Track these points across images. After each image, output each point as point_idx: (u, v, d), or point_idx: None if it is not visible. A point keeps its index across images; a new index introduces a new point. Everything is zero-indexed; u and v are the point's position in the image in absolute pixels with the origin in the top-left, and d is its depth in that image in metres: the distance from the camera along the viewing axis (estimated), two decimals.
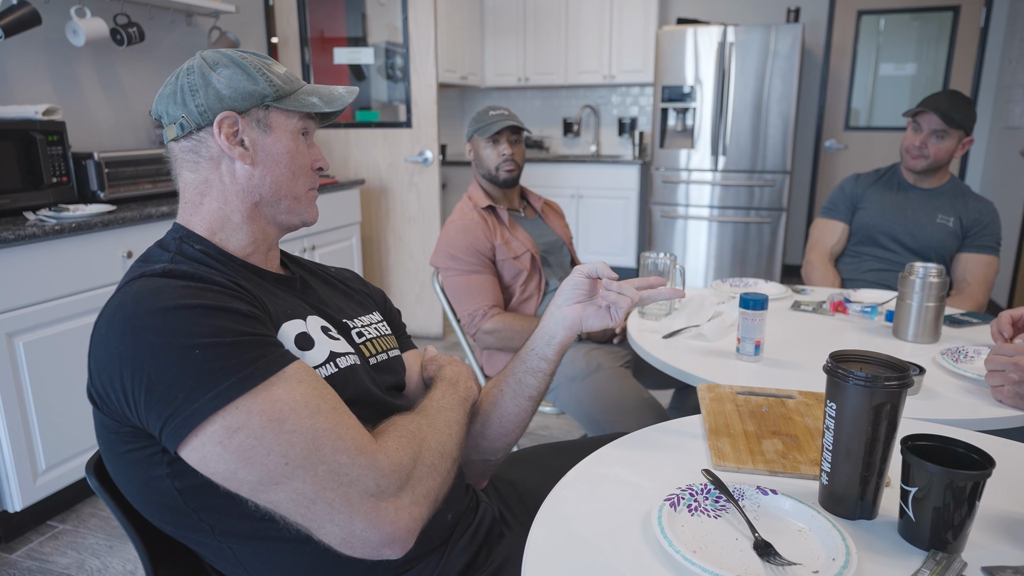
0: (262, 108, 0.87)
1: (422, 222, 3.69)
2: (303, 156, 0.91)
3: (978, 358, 1.34)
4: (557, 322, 0.99)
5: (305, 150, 0.92)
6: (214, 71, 0.86)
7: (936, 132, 2.03)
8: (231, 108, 0.85)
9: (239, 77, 0.86)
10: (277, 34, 3.62)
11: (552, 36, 5.20)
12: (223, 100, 0.85)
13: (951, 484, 0.72)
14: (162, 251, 0.86)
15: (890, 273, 2.11)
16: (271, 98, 0.87)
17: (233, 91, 0.86)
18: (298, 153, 0.90)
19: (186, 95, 0.86)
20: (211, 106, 0.85)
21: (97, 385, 0.74)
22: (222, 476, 0.70)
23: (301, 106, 0.89)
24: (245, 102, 0.86)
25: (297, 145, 0.90)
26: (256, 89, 0.86)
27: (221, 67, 0.86)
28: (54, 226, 1.93)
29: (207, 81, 0.86)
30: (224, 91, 0.85)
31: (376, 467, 0.74)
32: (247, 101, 0.86)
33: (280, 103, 0.88)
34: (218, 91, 0.85)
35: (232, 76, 0.86)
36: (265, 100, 0.87)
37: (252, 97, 0.86)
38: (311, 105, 0.89)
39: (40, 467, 1.98)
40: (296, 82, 0.91)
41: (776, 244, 4.62)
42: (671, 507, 0.80)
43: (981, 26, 4.49)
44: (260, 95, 0.86)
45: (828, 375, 0.80)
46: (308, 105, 0.89)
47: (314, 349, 0.84)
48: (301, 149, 0.91)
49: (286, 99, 0.88)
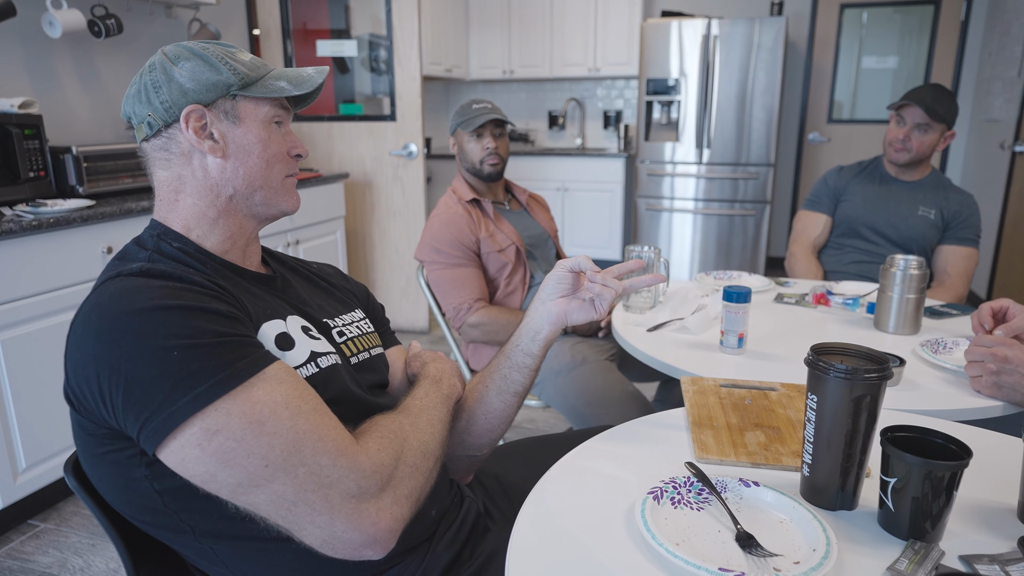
0: (229, 98, 0.85)
1: (407, 216, 3.67)
2: (276, 144, 0.89)
3: (957, 349, 1.36)
4: (542, 317, 0.99)
5: (279, 138, 0.90)
6: (176, 65, 0.84)
7: (919, 125, 2.04)
8: (196, 101, 0.83)
9: (201, 69, 0.84)
10: (259, 26, 3.58)
11: (537, 29, 5.19)
12: (187, 94, 0.83)
13: (929, 474, 0.73)
14: (139, 249, 0.85)
15: (872, 265, 2.13)
16: (237, 87, 0.85)
17: (196, 83, 0.83)
18: (271, 141, 0.88)
19: (150, 93, 0.84)
20: (176, 101, 0.83)
21: (74, 386, 0.73)
22: (201, 479, 0.70)
23: (269, 92, 0.86)
24: (210, 93, 0.84)
25: (269, 134, 0.88)
26: (220, 79, 0.84)
27: (182, 60, 0.84)
28: (31, 221, 1.90)
29: (169, 76, 0.83)
30: (187, 84, 0.83)
31: (357, 468, 0.73)
32: (212, 92, 0.84)
33: (247, 91, 0.85)
34: (181, 85, 0.83)
35: (194, 68, 0.84)
36: (231, 89, 0.84)
37: (217, 88, 0.84)
38: (279, 90, 0.87)
39: (20, 466, 1.96)
40: (263, 68, 0.89)
41: (760, 236, 4.65)
42: (654, 500, 0.80)
43: (962, 19, 4.53)
44: (225, 85, 0.84)
45: (809, 368, 0.81)
46: (276, 90, 0.87)
47: (295, 349, 0.83)
48: (274, 137, 0.89)
49: (253, 86, 0.86)
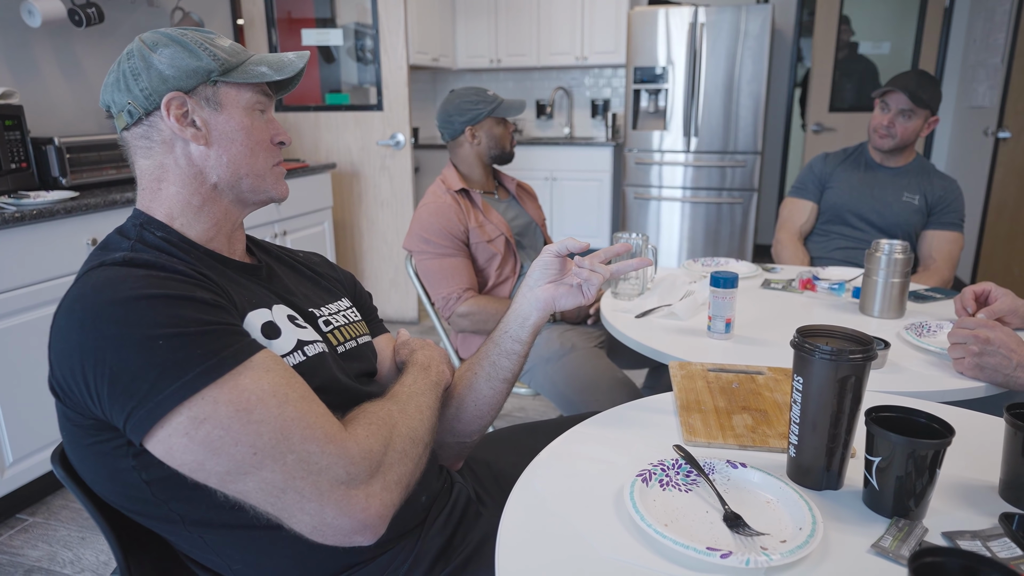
0: (209, 85, 0.84)
1: (395, 206, 3.66)
2: (260, 131, 0.88)
3: (940, 332, 1.37)
4: (530, 303, 0.99)
5: (262, 125, 0.88)
6: (154, 52, 0.83)
7: (903, 111, 2.06)
8: (177, 88, 0.82)
9: (181, 55, 0.83)
10: (243, 15, 3.54)
11: (524, 17, 5.16)
12: (167, 81, 0.82)
13: (913, 453, 0.74)
14: (122, 238, 0.84)
15: (857, 251, 2.15)
16: (217, 72, 0.84)
17: (176, 70, 0.82)
18: (254, 128, 0.87)
19: (129, 81, 0.83)
20: (156, 88, 0.82)
21: (58, 378, 0.72)
22: (189, 467, 0.69)
23: (250, 77, 0.85)
24: (190, 80, 0.83)
25: (252, 120, 0.87)
26: (200, 65, 0.83)
27: (161, 47, 0.83)
28: (14, 213, 1.88)
29: (148, 63, 0.82)
30: (167, 71, 0.82)
31: (346, 455, 0.73)
32: (192, 79, 0.83)
33: (228, 77, 0.84)
34: (161, 72, 0.82)
35: (173, 55, 0.83)
36: (211, 75, 0.83)
37: (197, 74, 0.83)
38: (260, 75, 0.86)
39: (7, 460, 1.94)
40: (243, 54, 0.88)
41: (748, 224, 4.67)
42: (643, 482, 0.81)
43: (946, 6, 4.55)
44: (205, 71, 0.83)
45: (795, 350, 0.82)
46: (257, 75, 0.86)
47: (281, 338, 0.83)
48: (257, 124, 0.88)
49: (233, 72, 0.85)
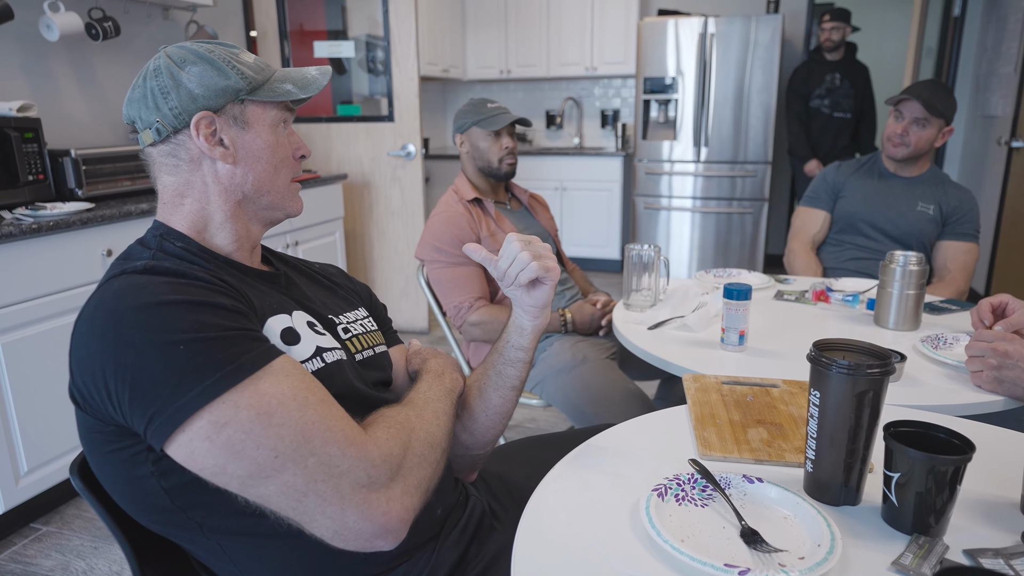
0: (237, 103, 0.85)
1: (405, 216, 3.67)
2: (284, 148, 0.89)
3: (957, 345, 1.36)
4: (521, 314, 0.98)
5: (285, 141, 0.90)
6: (183, 70, 0.83)
7: (917, 120, 2.05)
8: (206, 107, 0.83)
9: (210, 73, 0.83)
10: (256, 27, 3.58)
11: (534, 28, 5.19)
12: (197, 100, 0.83)
13: (933, 469, 0.73)
14: (143, 248, 0.85)
15: (871, 261, 2.13)
16: (245, 92, 0.85)
17: (206, 89, 0.83)
18: (279, 146, 0.89)
19: (157, 98, 0.83)
20: (185, 107, 0.83)
21: (79, 384, 0.73)
22: (211, 471, 0.70)
23: (276, 95, 0.86)
24: (219, 99, 0.84)
25: (277, 137, 0.88)
26: (229, 84, 0.84)
27: (189, 64, 0.84)
28: (31, 225, 1.90)
29: (177, 81, 0.83)
30: (196, 90, 0.83)
31: (367, 458, 0.73)
32: (221, 98, 0.84)
33: (255, 95, 0.85)
34: (190, 91, 0.83)
35: (203, 73, 0.83)
36: (239, 95, 0.85)
37: (226, 93, 0.84)
38: (286, 93, 0.87)
39: (22, 469, 1.96)
40: (267, 70, 0.89)
41: (759, 234, 4.65)
42: (659, 497, 0.80)
43: (956, 15, 4.54)
44: (234, 90, 0.84)
45: (812, 364, 0.81)
46: (283, 94, 0.87)
47: (300, 344, 0.83)
48: (281, 141, 0.89)
49: (260, 90, 0.86)
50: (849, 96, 4.23)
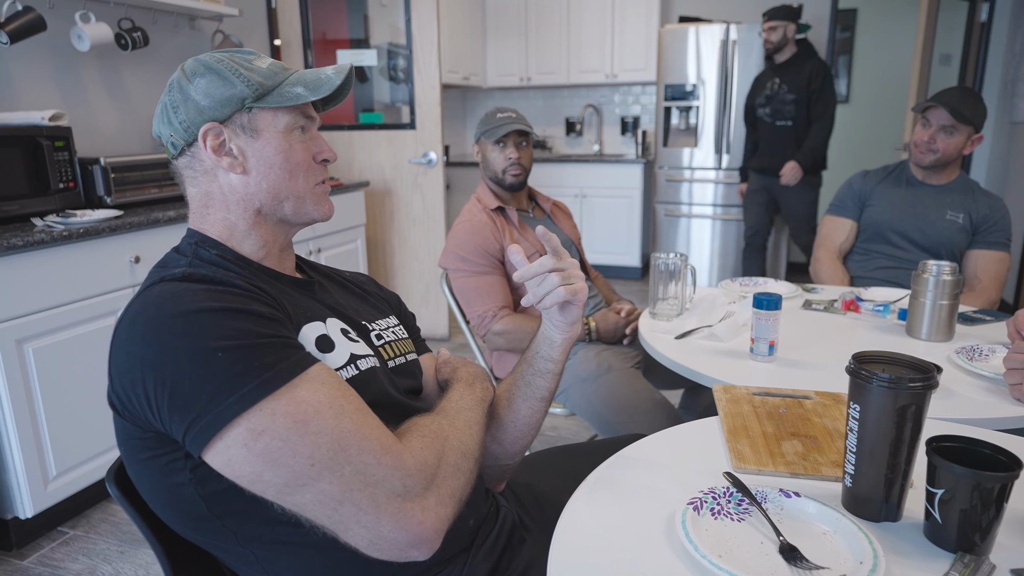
0: (244, 112, 0.84)
1: (427, 223, 3.68)
2: (299, 153, 0.88)
3: (993, 356, 1.33)
4: (550, 327, 0.97)
5: (302, 145, 0.88)
6: (191, 82, 0.84)
7: (944, 127, 2.02)
8: (212, 118, 0.83)
9: (215, 84, 0.83)
10: (279, 36, 3.62)
11: (554, 36, 5.20)
12: (203, 112, 0.83)
13: (978, 486, 0.71)
14: (179, 256, 0.86)
15: (900, 271, 2.10)
16: (251, 99, 0.84)
17: (211, 100, 0.83)
18: (292, 151, 0.87)
19: (170, 113, 0.85)
20: (193, 120, 0.84)
21: (118, 391, 0.73)
22: (247, 479, 0.70)
23: (284, 101, 0.85)
24: (225, 109, 0.84)
25: (290, 143, 0.87)
26: (233, 93, 0.83)
27: (198, 76, 0.84)
28: (62, 232, 1.93)
29: (185, 95, 0.84)
30: (202, 102, 0.83)
31: (402, 467, 0.73)
32: (227, 107, 0.84)
33: (262, 102, 0.84)
34: (197, 103, 0.83)
35: (208, 85, 0.83)
36: (245, 103, 0.84)
37: (231, 102, 0.83)
38: (295, 97, 0.85)
39: (51, 473, 1.98)
40: (281, 74, 0.87)
41: (781, 241, 4.61)
42: (694, 511, 0.79)
43: (983, 20, 4.48)
44: (239, 98, 0.83)
45: (851, 376, 0.80)
46: (292, 98, 0.85)
47: (334, 351, 0.84)
48: (295, 146, 0.87)
49: (268, 96, 0.85)
50: (789, 103, 3.87)
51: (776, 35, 3.78)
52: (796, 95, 3.83)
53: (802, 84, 3.79)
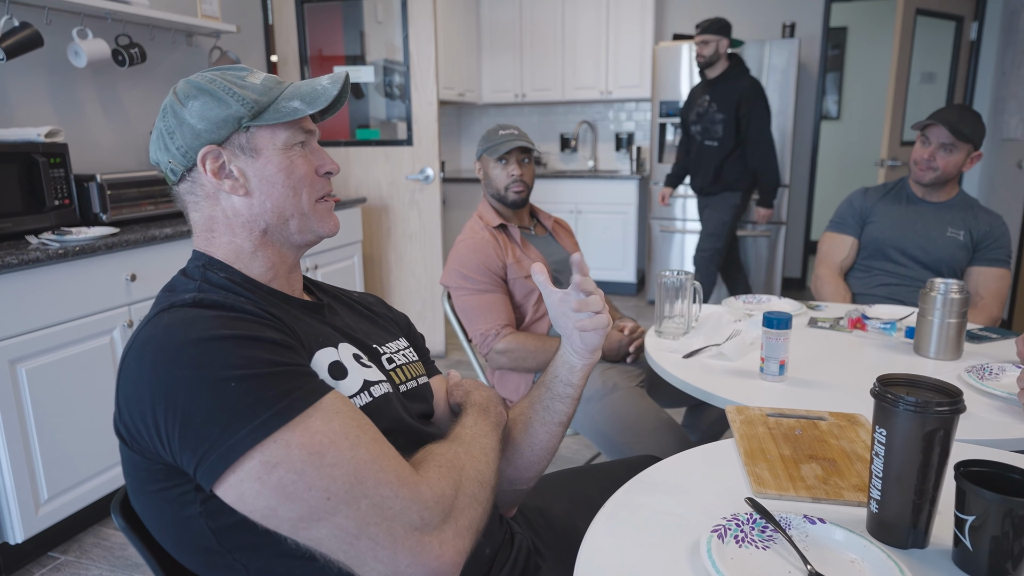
0: (242, 132, 0.82)
1: (423, 239, 3.67)
2: (301, 167, 0.85)
3: (1003, 375, 1.33)
4: (570, 352, 0.95)
5: (303, 160, 0.86)
6: (185, 106, 0.82)
7: (944, 145, 2.03)
8: (210, 141, 0.81)
9: (210, 105, 0.81)
10: (276, 52, 3.61)
11: (548, 53, 5.22)
12: (200, 135, 0.81)
13: (1010, 512, 0.70)
14: (188, 280, 0.84)
15: (902, 287, 2.10)
16: (248, 118, 0.81)
17: (207, 122, 0.81)
18: (294, 167, 0.85)
19: (166, 139, 0.83)
20: (190, 144, 0.81)
21: (127, 421, 0.71)
22: (261, 514, 0.68)
23: (282, 116, 0.82)
24: (222, 130, 0.81)
25: (291, 159, 0.84)
26: (229, 113, 0.81)
27: (191, 99, 0.82)
28: (57, 250, 1.90)
29: (180, 119, 0.82)
30: (198, 125, 0.81)
31: (420, 499, 0.71)
32: (224, 128, 0.81)
33: (259, 120, 0.82)
34: (192, 127, 0.81)
35: (202, 107, 0.81)
36: (242, 122, 0.81)
37: (228, 123, 0.81)
38: (292, 112, 0.83)
39: (42, 497, 1.93)
40: (275, 89, 0.85)
41: (776, 257, 4.62)
42: (719, 538, 0.77)
43: (972, 39, 4.54)
44: (235, 118, 0.81)
45: (877, 400, 0.78)
46: (289, 113, 0.83)
47: (348, 378, 0.81)
48: (297, 162, 0.85)
49: (265, 113, 0.82)
50: (718, 122, 3.71)
51: (708, 49, 3.64)
52: (725, 115, 3.68)
53: (731, 104, 3.65)
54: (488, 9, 5.30)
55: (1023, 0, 3.98)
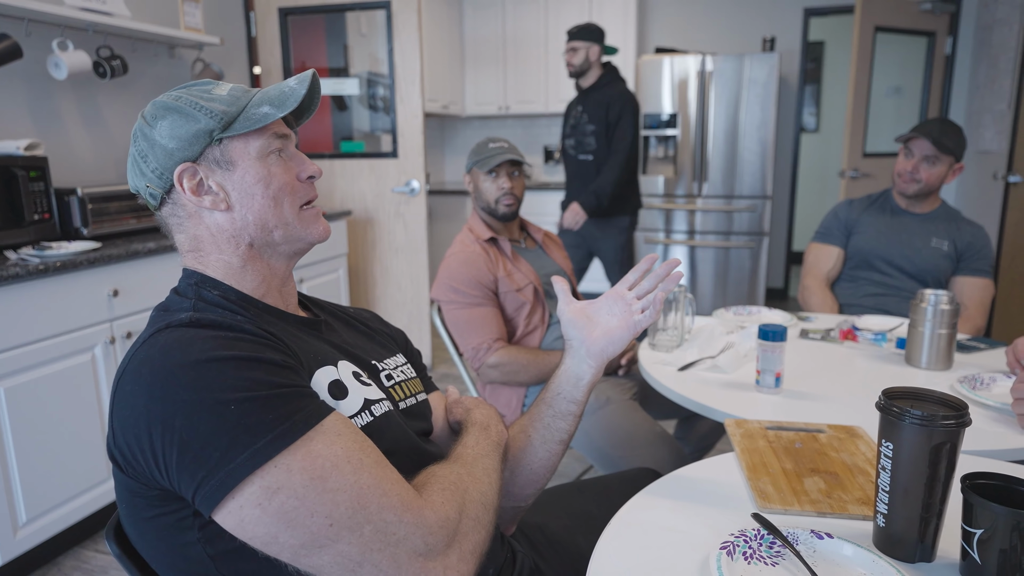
0: (215, 145, 0.80)
1: (409, 252, 3.64)
2: (280, 176, 0.82)
3: (994, 385, 1.34)
4: (580, 363, 0.95)
5: (281, 168, 0.83)
6: (154, 127, 0.80)
7: (927, 157, 2.06)
8: (184, 159, 0.79)
9: (178, 123, 0.79)
10: (260, 64, 3.59)
11: (532, 65, 5.25)
12: (172, 154, 0.79)
13: (1018, 525, 0.70)
14: (181, 298, 0.81)
15: (888, 297, 2.13)
16: (219, 130, 0.79)
17: (178, 140, 0.79)
18: (272, 176, 0.82)
19: (140, 164, 0.81)
20: (164, 165, 0.80)
21: (121, 446, 0.69)
22: (262, 541, 0.66)
23: (252, 123, 0.80)
24: (195, 146, 0.79)
25: (268, 167, 0.82)
26: (199, 128, 0.79)
27: (159, 120, 0.80)
28: (37, 265, 1.86)
29: (151, 141, 0.80)
30: (169, 144, 0.79)
31: (424, 524, 0.70)
32: (196, 144, 0.79)
33: (230, 131, 0.79)
34: (164, 147, 0.79)
35: (171, 125, 0.79)
36: (213, 135, 0.79)
37: (199, 138, 0.79)
38: (263, 117, 0.80)
39: (20, 519, 1.88)
40: (243, 97, 0.82)
41: (759, 268, 4.66)
42: (727, 555, 0.76)
43: (947, 53, 4.64)
44: (205, 132, 0.79)
45: (883, 413, 0.78)
46: (259, 119, 0.80)
47: (348, 398, 0.80)
48: (274, 170, 0.82)
49: (235, 123, 0.80)
50: (589, 134, 3.35)
51: (578, 57, 3.30)
52: (596, 126, 3.32)
53: (602, 114, 3.30)
54: (472, 22, 5.32)
55: (995, 15, 4.08)
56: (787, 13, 4.96)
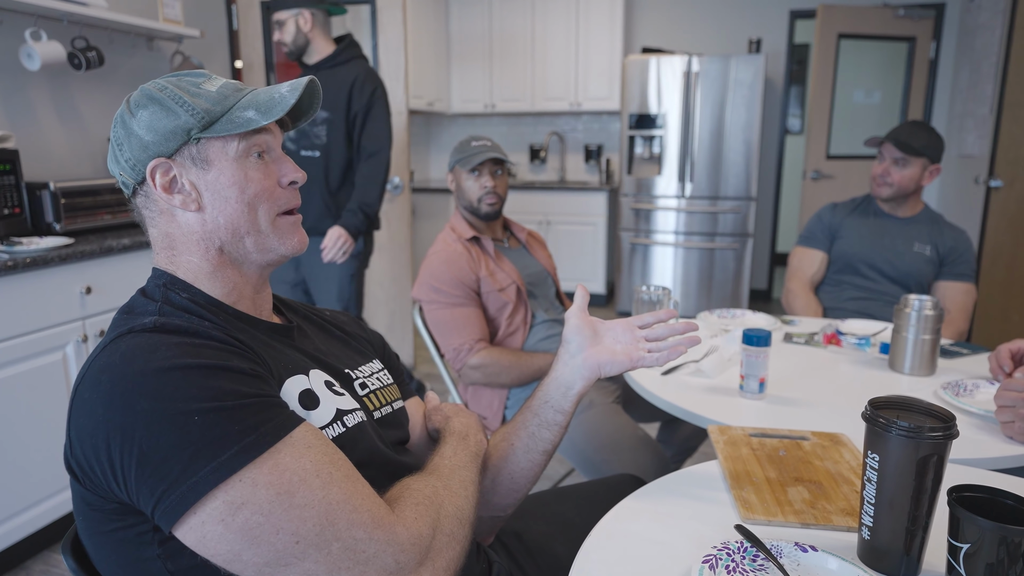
0: (192, 143, 0.76)
1: (392, 251, 3.60)
2: (258, 182, 0.78)
3: (978, 392, 1.34)
4: (573, 371, 0.93)
5: (260, 173, 0.79)
6: (134, 116, 0.76)
7: (896, 160, 2.08)
8: (158, 154, 0.76)
9: (158, 116, 0.75)
10: (242, 58, 3.53)
11: (518, 63, 5.22)
12: (147, 148, 0.76)
13: (1004, 540, 0.69)
14: (148, 300, 0.78)
15: (871, 302, 2.12)
16: (198, 129, 0.76)
17: (154, 134, 0.75)
18: (249, 180, 0.78)
19: (116, 151, 0.78)
20: (138, 157, 0.76)
21: (79, 456, 0.65)
22: (224, 558, 0.63)
23: (234, 128, 0.76)
24: (171, 142, 0.76)
25: (246, 171, 0.78)
26: (178, 124, 0.75)
27: (140, 109, 0.76)
28: (7, 261, 1.80)
29: (129, 131, 0.76)
30: (145, 137, 0.75)
31: (395, 541, 0.67)
32: (173, 141, 0.76)
33: (209, 131, 0.76)
34: (140, 139, 0.76)
35: (151, 117, 0.76)
36: (191, 133, 0.76)
37: (176, 135, 0.75)
38: (246, 122, 0.76)
39: None
40: (232, 96, 0.79)
41: (743, 269, 4.67)
42: (710, 569, 0.74)
43: (931, 58, 4.67)
44: (184, 130, 0.75)
45: (868, 424, 0.77)
46: (242, 123, 0.76)
47: (319, 408, 0.77)
48: (252, 174, 0.78)
49: (217, 123, 0.76)
50: (319, 123, 2.54)
51: (288, 33, 2.51)
52: (329, 113, 2.51)
53: (339, 99, 2.50)
54: (458, 19, 5.28)
55: (978, 20, 4.11)
56: (773, 15, 4.97)
